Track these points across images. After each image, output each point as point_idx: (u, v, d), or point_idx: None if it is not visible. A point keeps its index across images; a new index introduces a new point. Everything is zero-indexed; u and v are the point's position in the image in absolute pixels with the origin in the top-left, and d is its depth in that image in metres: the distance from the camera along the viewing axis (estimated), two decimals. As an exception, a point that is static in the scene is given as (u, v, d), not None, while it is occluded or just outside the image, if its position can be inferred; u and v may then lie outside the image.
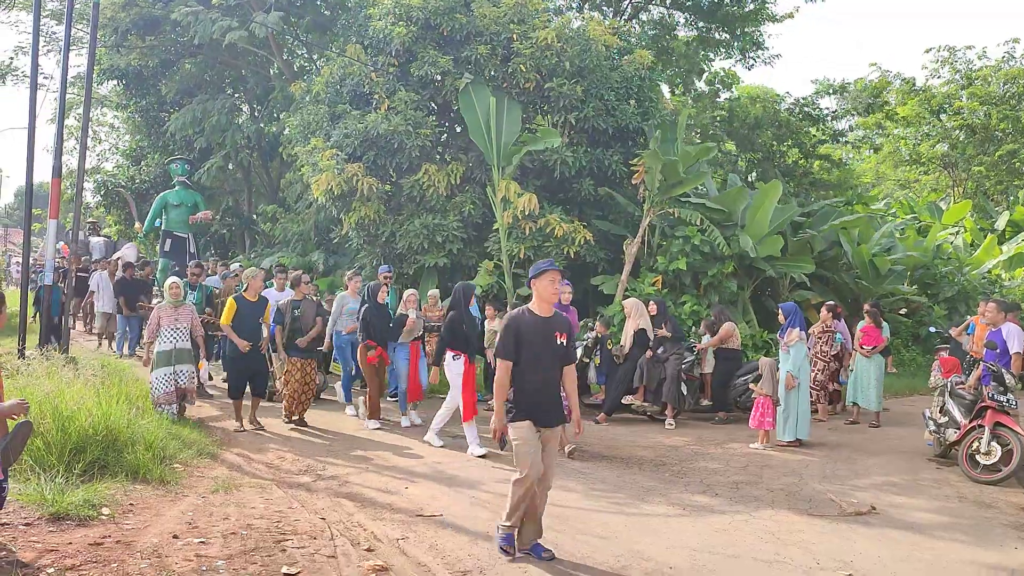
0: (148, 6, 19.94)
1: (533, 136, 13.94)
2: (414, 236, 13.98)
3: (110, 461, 6.62)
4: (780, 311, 9.84)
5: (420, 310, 10.35)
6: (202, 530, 5.53)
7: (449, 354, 8.64)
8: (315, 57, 22.33)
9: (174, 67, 22.18)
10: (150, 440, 7.14)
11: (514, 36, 14.22)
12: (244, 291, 9.55)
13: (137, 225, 16.58)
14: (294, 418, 9.61)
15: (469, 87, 14.01)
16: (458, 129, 15.54)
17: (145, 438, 7.12)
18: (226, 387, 10.05)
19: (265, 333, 9.62)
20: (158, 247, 16.02)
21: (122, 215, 25.31)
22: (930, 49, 30.71)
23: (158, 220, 16.25)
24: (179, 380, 8.96)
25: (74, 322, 17.15)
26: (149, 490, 6.38)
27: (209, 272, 13.93)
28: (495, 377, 5.26)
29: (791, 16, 23.78)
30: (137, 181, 24.64)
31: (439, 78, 14.72)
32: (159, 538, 5.28)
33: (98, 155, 31.08)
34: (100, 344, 15.59)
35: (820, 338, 11.45)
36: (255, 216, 23.21)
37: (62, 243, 15.93)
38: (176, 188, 15.50)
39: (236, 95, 23.65)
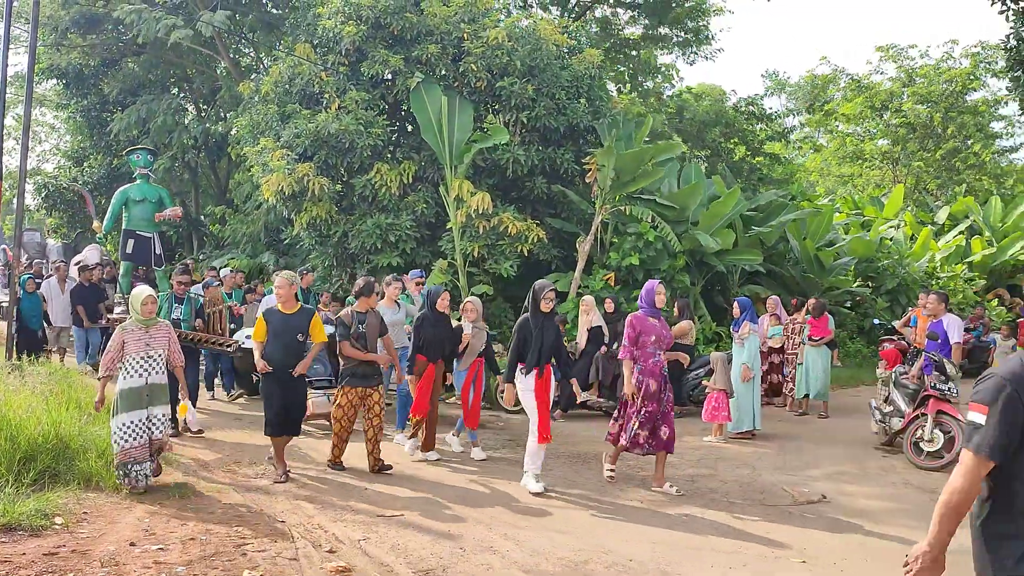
0: (88, 4, 19.49)
1: (484, 135, 13.97)
2: (367, 236, 13.90)
3: (61, 469, 6.48)
4: (736, 304, 10.04)
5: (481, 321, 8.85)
6: (160, 537, 5.46)
7: (518, 365, 7.22)
8: (262, 56, 22.05)
9: (116, 66, 21.71)
10: (102, 447, 6.99)
11: (465, 35, 14.23)
12: (281, 304, 7.41)
13: (96, 224, 15.03)
14: (375, 467, 7.60)
15: (420, 86, 13.98)
16: (409, 128, 15.50)
17: (97, 445, 6.97)
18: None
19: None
20: (119, 249, 14.76)
21: (65, 217, 24.71)
22: (882, 47, 31.38)
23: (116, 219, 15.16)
24: (152, 429, 6.62)
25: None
26: (103, 498, 6.27)
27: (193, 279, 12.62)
28: (953, 484, 2.79)
29: (721, 11, 24.18)
30: (80, 183, 24.07)
31: (390, 77, 14.66)
32: (116, 546, 5.20)
33: (38, 156, 30.36)
34: (59, 358, 13.58)
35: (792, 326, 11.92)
36: (203, 217, 22.85)
37: (4, 246, 15.48)
38: (138, 182, 13.84)
39: (182, 95, 23.25)
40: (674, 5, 22.37)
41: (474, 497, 6.88)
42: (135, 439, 6.49)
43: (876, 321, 16.84)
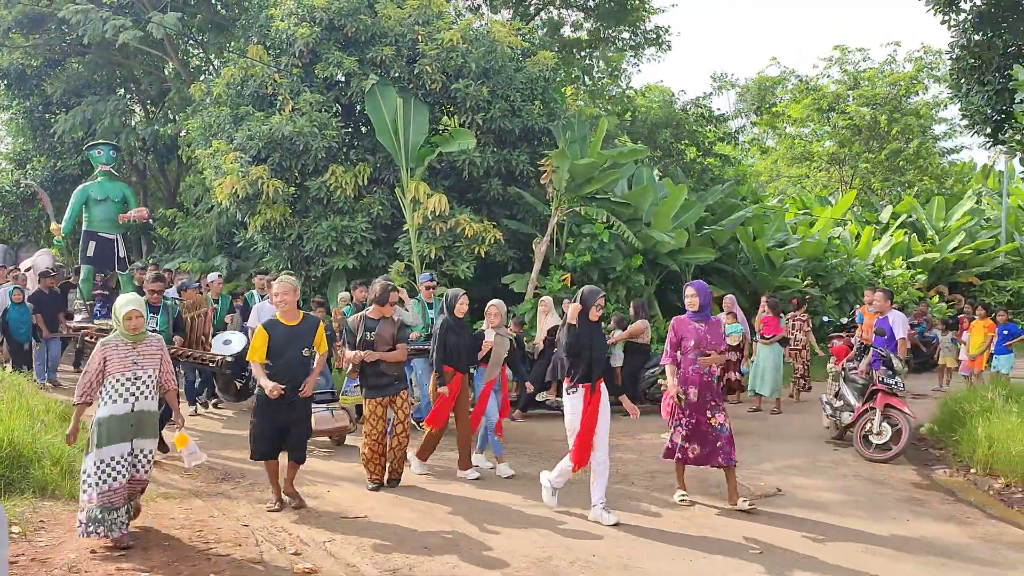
0: (32, 3, 19.03)
1: (446, 138, 14.02)
2: (322, 238, 13.85)
3: (15, 478, 6.36)
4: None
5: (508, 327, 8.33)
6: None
7: (565, 385, 6.43)
8: (212, 57, 21.77)
9: (60, 66, 21.25)
10: (57, 455, 6.87)
11: (419, 37, 14.25)
12: (282, 314, 6.39)
13: (54, 225, 13.32)
14: (385, 479, 7.21)
15: (375, 88, 13.97)
16: (364, 130, 15.46)
17: (51, 453, 6.84)
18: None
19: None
20: (79, 252, 13.07)
21: (7, 220, 24.05)
22: (838, 47, 32.11)
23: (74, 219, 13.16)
24: (136, 467, 5.48)
25: None
26: (60, 506, 6.18)
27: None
28: None
29: (656, 12, 24.52)
30: (22, 186, 23.48)
31: (343, 79, 14.61)
32: (76, 554, 5.15)
33: (-23, 159, 29.46)
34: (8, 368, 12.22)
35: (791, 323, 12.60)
36: (152, 220, 22.45)
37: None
38: (99, 179, 12.78)
39: (129, 96, 22.83)
40: (626, 7, 22.63)
41: (439, 498, 6.92)
42: (116, 478, 5.30)
43: (826, 318, 17.25)
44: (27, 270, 14.90)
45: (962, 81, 13.00)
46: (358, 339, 7.09)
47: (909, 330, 11.04)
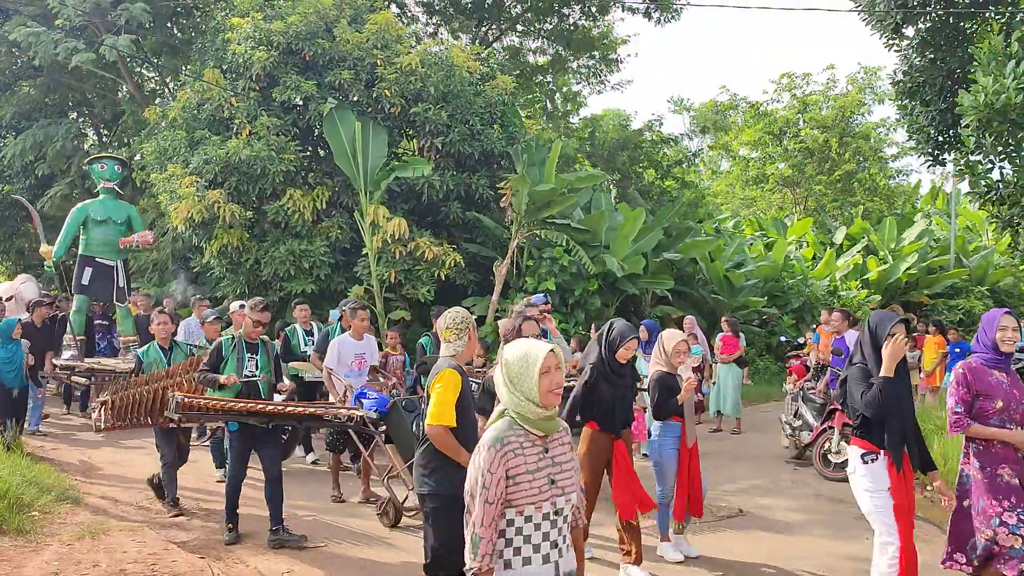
0: (-19, 26, 18.71)
1: (403, 163, 14.00)
2: (280, 263, 13.70)
3: (-40, 514, 6.16)
4: (644, 328, 10.26)
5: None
6: (71, 580, 5.24)
7: (857, 450, 4.70)
8: (167, 81, 21.53)
9: (11, 89, 20.84)
10: (3, 489, 6.67)
11: (378, 61, 14.23)
12: (462, 358, 4.36)
13: (44, 248, 11.63)
14: None
15: (333, 112, 13.90)
16: (322, 154, 15.37)
17: (-3, 487, 6.65)
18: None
19: None
20: (72, 279, 11.68)
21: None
22: (784, 75, 32.77)
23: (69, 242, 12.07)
24: None
25: None
26: (6, 541, 5.98)
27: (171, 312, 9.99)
28: None
29: (624, 41, 24.93)
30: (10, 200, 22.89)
31: (301, 103, 14.53)
32: (23, 592, 4.97)
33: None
34: None
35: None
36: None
37: None
38: (101, 198, 11.67)
39: (81, 119, 22.45)
40: (578, 33, 22.95)
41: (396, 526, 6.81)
42: None
43: (783, 338, 17.47)
44: (8, 299, 12.91)
45: (907, 102, 13.35)
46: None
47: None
